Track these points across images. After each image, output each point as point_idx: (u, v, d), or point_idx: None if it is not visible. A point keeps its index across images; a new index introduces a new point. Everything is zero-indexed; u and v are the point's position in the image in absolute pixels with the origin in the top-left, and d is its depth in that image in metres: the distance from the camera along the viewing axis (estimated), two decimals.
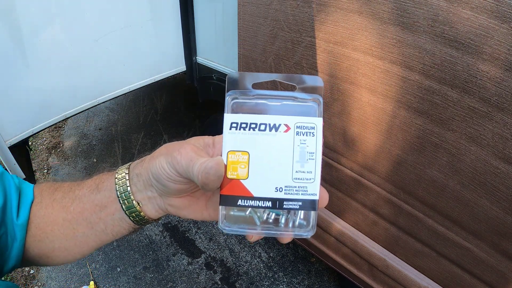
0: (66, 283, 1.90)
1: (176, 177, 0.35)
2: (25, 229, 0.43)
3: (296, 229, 0.35)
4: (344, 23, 0.94)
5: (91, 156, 2.69)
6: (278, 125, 0.34)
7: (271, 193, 0.33)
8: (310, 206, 0.33)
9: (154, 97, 3.26)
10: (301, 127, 0.34)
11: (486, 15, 0.70)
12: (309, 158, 0.33)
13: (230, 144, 0.34)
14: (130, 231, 0.43)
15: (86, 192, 0.42)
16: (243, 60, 1.34)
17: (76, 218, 0.42)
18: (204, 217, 0.40)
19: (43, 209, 0.44)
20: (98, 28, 1.59)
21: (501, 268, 0.89)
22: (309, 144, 0.33)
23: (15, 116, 1.46)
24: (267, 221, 0.35)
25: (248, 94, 0.35)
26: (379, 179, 1.08)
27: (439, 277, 1.07)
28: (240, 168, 0.33)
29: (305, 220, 0.35)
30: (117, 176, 0.40)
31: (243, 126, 0.34)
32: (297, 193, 0.33)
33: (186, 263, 1.98)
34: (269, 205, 0.33)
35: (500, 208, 0.83)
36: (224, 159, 0.34)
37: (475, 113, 0.79)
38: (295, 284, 1.88)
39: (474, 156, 0.83)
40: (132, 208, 0.40)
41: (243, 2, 1.21)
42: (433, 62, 0.82)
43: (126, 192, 0.39)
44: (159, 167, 0.36)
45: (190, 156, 0.34)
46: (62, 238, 0.43)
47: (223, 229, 0.34)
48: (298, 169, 0.33)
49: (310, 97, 0.35)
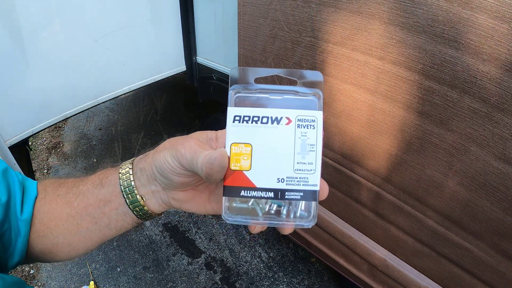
0: (66, 283, 1.90)
1: (180, 170, 0.36)
2: (29, 224, 0.43)
3: (298, 220, 0.35)
4: (344, 23, 0.94)
5: (91, 156, 2.69)
6: (280, 118, 0.35)
7: (273, 184, 0.34)
8: (311, 197, 0.34)
9: (154, 97, 3.26)
10: (302, 120, 0.35)
11: (486, 15, 0.70)
12: (310, 150, 0.34)
13: (234, 136, 0.35)
14: (133, 226, 0.43)
15: (90, 187, 0.42)
16: (243, 60, 1.34)
17: (80, 213, 0.42)
18: (207, 211, 0.41)
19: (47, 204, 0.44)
20: (98, 28, 1.59)
21: (501, 268, 0.89)
22: (309, 137, 0.34)
23: (15, 116, 1.46)
24: (269, 212, 0.36)
25: (251, 89, 0.36)
26: (379, 180, 1.07)
27: (439, 277, 1.07)
28: (243, 159, 0.34)
29: (306, 211, 0.35)
30: (121, 171, 0.41)
31: (246, 119, 0.35)
32: (299, 184, 0.34)
33: (186, 263, 1.98)
34: (271, 195, 0.34)
35: (500, 208, 0.83)
36: (228, 151, 0.34)
37: (475, 113, 0.79)
38: (295, 284, 1.88)
39: (474, 157, 0.83)
40: (136, 202, 0.40)
41: (243, 2, 1.21)
42: (433, 62, 0.82)
43: (130, 186, 0.40)
44: (163, 161, 0.36)
45: (194, 149, 0.35)
46: (66, 234, 0.43)
47: (226, 219, 0.35)
48: (299, 160, 0.34)
49: (311, 91, 0.36)
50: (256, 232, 0.36)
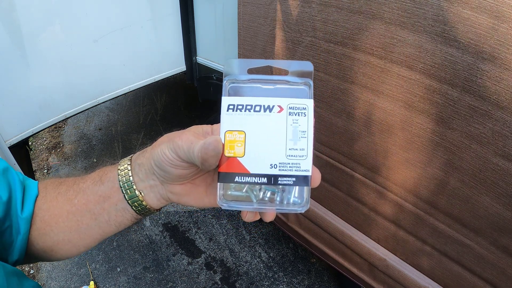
0: (66, 283, 1.89)
1: (178, 162, 0.37)
2: (29, 222, 0.43)
3: (291, 205, 0.36)
4: (344, 23, 0.95)
5: (91, 156, 2.69)
6: (272, 106, 0.36)
7: (267, 170, 0.35)
8: (303, 182, 0.35)
9: (154, 97, 3.26)
10: (294, 108, 0.36)
11: (486, 15, 0.71)
12: (301, 136, 0.36)
13: (228, 124, 0.36)
14: (133, 222, 0.44)
15: (90, 184, 0.43)
16: None
17: (80, 210, 0.43)
18: (204, 204, 0.41)
19: (48, 202, 0.44)
20: (98, 28, 1.59)
21: (501, 265, 0.89)
22: (301, 124, 0.36)
23: (15, 116, 1.46)
24: (263, 199, 0.37)
25: (244, 79, 0.38)
26: (379, 178, 1.08)
27: (439, 276, 1.07)
28: (237, 146, 0.35)
29: (299, 198, 0.36)
30: (120, 168, 0.42)
31: (239, 108, 0.36)
32: (291, 169, 0.35)
33: (186, 263, 1.98)
34: (265, 181, 0.35)
35: (500, 204, 0.83)
36: (222, 138, 0.35)
37: (475, 111, 0.79)
38: (295, 284, 1.88)
39: (474, 154, 0.83)
40: (134, 198, 0.41)
41: (243, 2, 1.21)
42: (433, 62, 0.82)
43: (129, 182, 0.41)
44: (161, 154, 0.37)
45: (190, 140, 0.36)
46: (66, 231, 0.43)
47: (221, 205, 0.36)
48: (291, 146, 0.35)
49: (302, 80, 0.37)
50: (248, 221, 0.37)
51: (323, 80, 1.07)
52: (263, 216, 0.37)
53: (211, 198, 0.41)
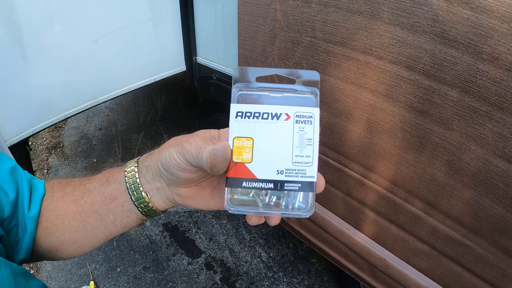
0: (66, 283, 1.90)
1: (186, 166, 0.37)
2: (35, 221, 0.44)
3: (296, 210, 0.37)
4: (344, 23, 0.95)
5: (91, 156, 2.69)
6: (279, 114, 0.37)
7: (273, 176, 0.36)
8: (308, 188, 0.36)
9: (154, 97, 3.26)
10: (300, 116, 0.37)
11: (486, 15, 0.71)
12: (307, 143, 0.37)
13: (236, 131, 0.37)
14: (138, 223, 0.44)
15: (96, 185, 0.44)
16: (243, 60, 1.34)
17: (86, 210, 0.43)
18: (209, 206, 0.42)
19: (54, 202, 0.45)
20: (98, 28, 1.59)
21: (501, 266, 0.89)
22: (307, 131, 0.37)
23: (15, 116, 1.46)
24: (268, 204, 0.38)
25: (252, 87, 0.39)
26: (379, 178, 1.08)
27: (440, 276, 1.07)
28: (245, 152, 0.36)
29: (304, 203, 0.37)
30: (127, 169, 0.42)
31: (247, 115, 0.37)
32: (297, 176, 0.36)
33: (186, 263, 1.98)
34: (271, 186, 0.36)
35: (500, 205, 0.83)
36: (230, 144, 0.36)
37: (475, 112, 0.79)
38: (295, 284, 1.88)
39: (474, 155, 0.83)
40: (141, 199, 0.41)
41: (243, 2, 1.21)
42: (433, 62, 0.82)
43: (136, 183, 0.41)
44: (169, 157, 0.38)
45: (199, 145, 0.36)
46: (72, 231, 0.44)
47: (229, 209, 0.37)
48: (297, 153, 0.37)
49: (308, 89, 0.39)
50: (253, 224, 0.38)
51: (322, 80, 1.07)
52: (268, 220, 0.38)
53: (216, 201, 0.42)
